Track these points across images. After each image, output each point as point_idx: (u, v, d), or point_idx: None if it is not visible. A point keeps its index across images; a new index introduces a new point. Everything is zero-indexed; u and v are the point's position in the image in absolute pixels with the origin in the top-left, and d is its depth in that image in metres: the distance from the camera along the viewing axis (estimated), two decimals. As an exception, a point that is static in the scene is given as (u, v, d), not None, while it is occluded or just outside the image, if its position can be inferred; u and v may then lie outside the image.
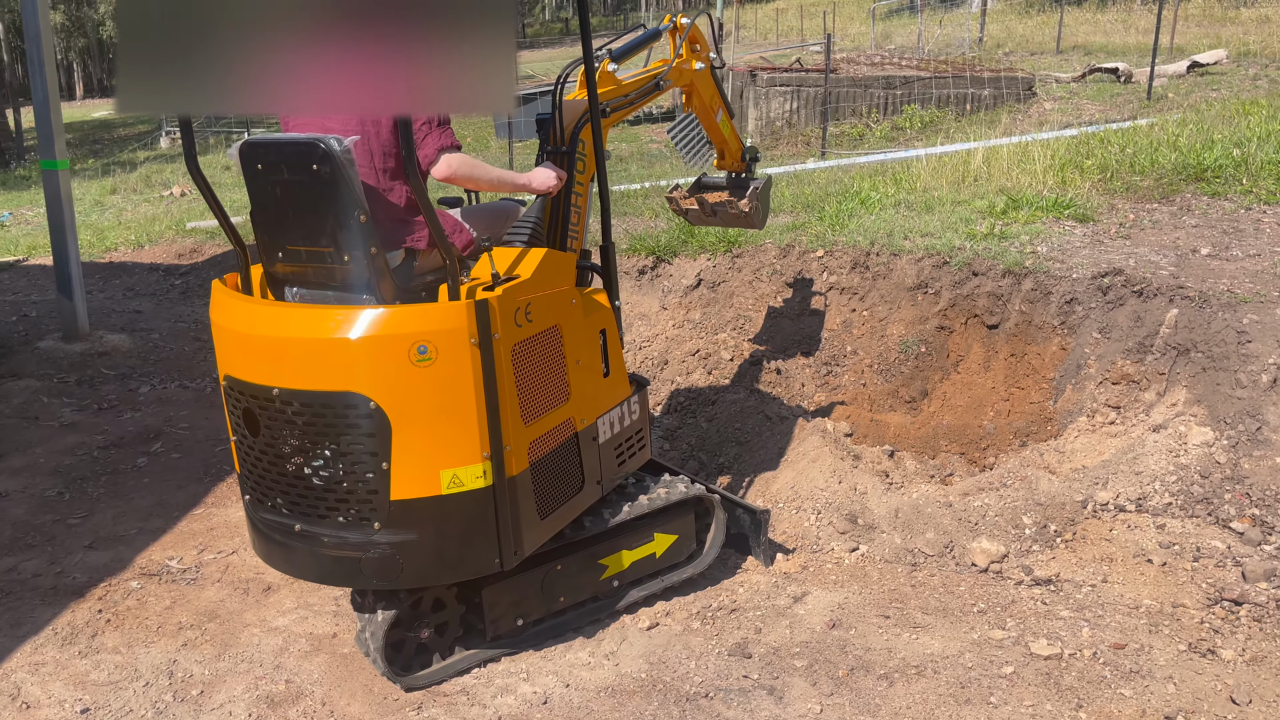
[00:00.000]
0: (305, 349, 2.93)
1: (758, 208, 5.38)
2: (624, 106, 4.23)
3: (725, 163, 5.51)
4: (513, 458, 3.12)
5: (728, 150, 5.39)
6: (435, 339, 2.90)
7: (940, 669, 3.32)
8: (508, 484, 3.11)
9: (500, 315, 3.01)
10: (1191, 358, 5.10)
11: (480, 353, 2.96)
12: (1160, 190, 7.42)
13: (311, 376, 2.93)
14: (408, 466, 2.98)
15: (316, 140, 2.86)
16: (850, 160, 10.59)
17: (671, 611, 3.85)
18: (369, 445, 2.96)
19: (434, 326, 2.91)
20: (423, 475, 3.00)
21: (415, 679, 3.35)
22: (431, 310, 2.93)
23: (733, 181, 5.58)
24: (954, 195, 7.66)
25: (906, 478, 5.05)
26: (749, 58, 17.20)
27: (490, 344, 2.98)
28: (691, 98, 4.96)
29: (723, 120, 5.18)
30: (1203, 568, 3.98)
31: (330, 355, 2.90)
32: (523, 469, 3.17)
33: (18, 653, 3.60)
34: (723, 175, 5.63)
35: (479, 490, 3.06)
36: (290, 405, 2.97)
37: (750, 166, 5.59)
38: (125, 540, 4.50)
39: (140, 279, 9.48)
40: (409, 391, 2.92)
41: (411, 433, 2.95)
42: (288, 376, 2.96)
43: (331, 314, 2.93)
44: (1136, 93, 12.44)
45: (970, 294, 6.19)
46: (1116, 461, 4.75)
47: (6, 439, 5.67)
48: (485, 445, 3.03)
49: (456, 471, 3.03)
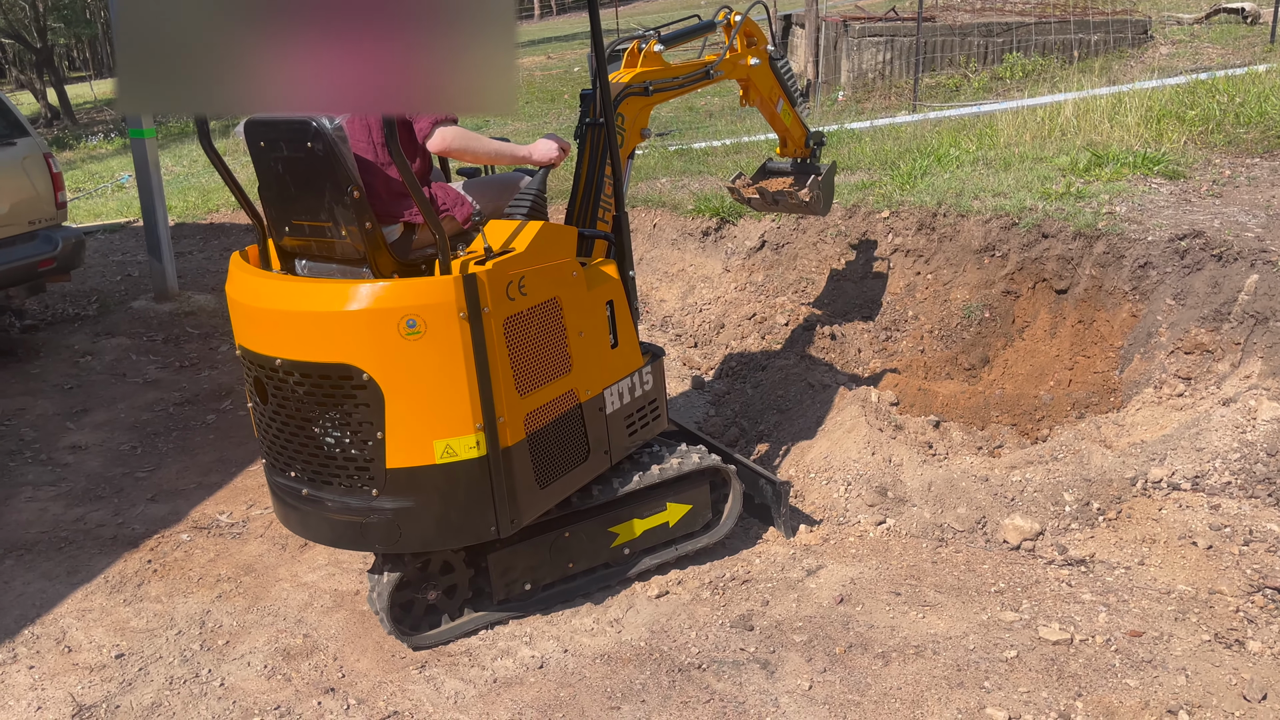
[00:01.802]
0: (303, 321, 3.03)
1: (819, 196, 5.38)
2: (670, 88, 4.22)
3: (788, 150, 5.53)
4: (508, 429, 3.17)
5: (790, 138, 5.41)
6: (424, 313, 2.96)
7: (940, 650, 3.25)
8: (502, 454, 3.17)
9: (490, 289, 3.04)
10: (1270, 327, 4.79)
11: (470, 326, 3.01)
12: (1265, 144, 6.91)
13: (309, 348, 3.04)
14: (402, 436, 3.06)
15: (309, 119, 2.93)
16: (941, 114, 10.19)
17: (684, 580, 3.87)
18: (364, 415, 3.05)
19: (422, 300, 2.96)
20: (416, 445, 3.08)
21: (422, 638, 3.47)
22: (421, 284, 2.99)
23: (798, 167, 5.57)
24: (1036, 151, 7.30)
25: (951, 449, 4.91)
26: (844, 7, 16.66)
27: (480, 317, 3.02)
28: (749, 91, 4.97)
29: (784, 110, 5.17)
30: (1251, 552, 3.77)
31: (325, 328, 3.00)
32: (519, 439, 3.22)
33: (69, 599, 3.87)
34: (787, 161, 5.62)
35: (472, 460, 3.13)
36: (292, 375, 3.09)
37: (816, 151, 5.56)
38: (184, 494, 4.76)
39: (237, 239, 9.90)
40: (400, 364, 2.99)
41: (404, 404, 3.03)
42: (289, 348, 3.07)
43: (327, 288, 3.02)
44: (1263, 36, 11.55)
45: (1039, 257, 5.93)
46: (1178, 436, 4.51)
47: (95, 394, 6.05)
48: (478, 416, 3.09)
49: (449, 442, 3.10)
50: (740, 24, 4.70)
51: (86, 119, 29.54)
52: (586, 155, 3.86)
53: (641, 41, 4.18)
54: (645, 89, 4.05)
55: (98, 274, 8.87)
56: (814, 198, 5.34)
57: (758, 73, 4.84)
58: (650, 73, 4.10)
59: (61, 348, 6.85)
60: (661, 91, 4.17)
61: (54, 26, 32.73)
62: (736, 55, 4.68)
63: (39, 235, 6.50)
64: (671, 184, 8.48)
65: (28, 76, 32.35)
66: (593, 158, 3.84)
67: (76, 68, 59.54)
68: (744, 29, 4.74)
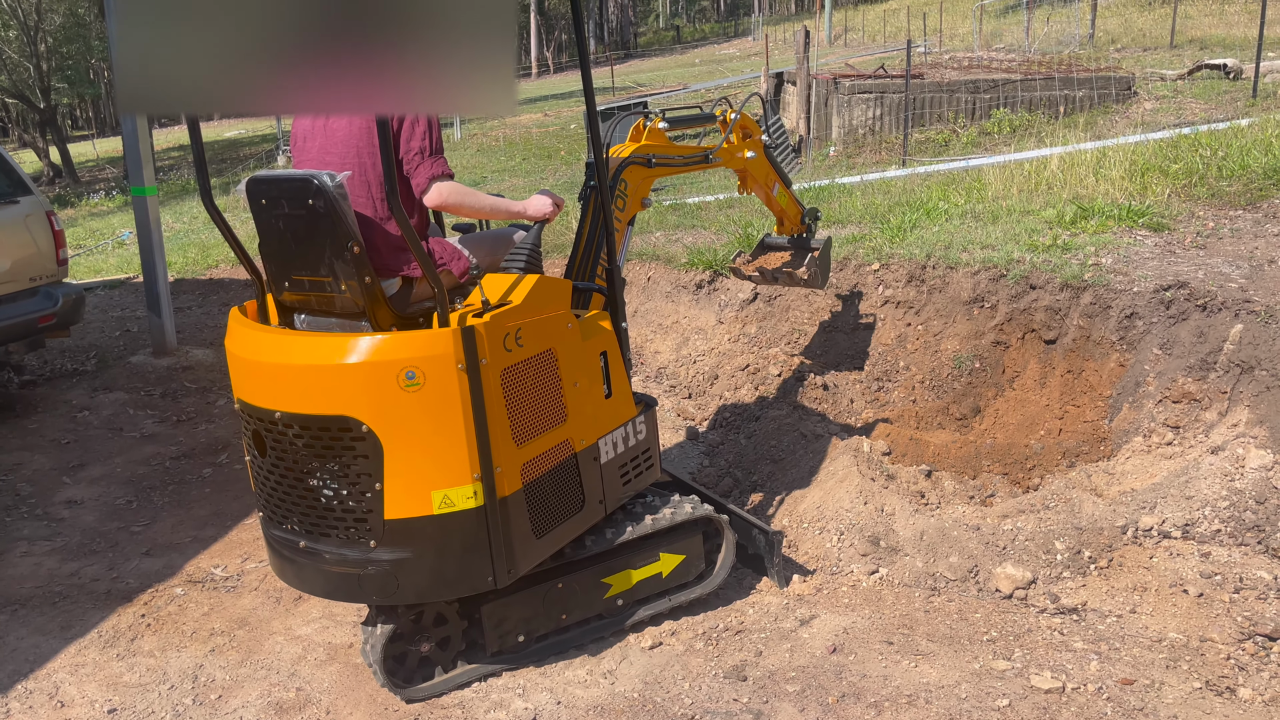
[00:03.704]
0: (303, 374, 3.08)
1: (817, 272, 5.68)
2: (672, 164, 4.47)
3: (785, 229, 5.84)
4: (504, 479, 3.20)
5: (787, 218, 5.72)
6: (423, 365, 3.01)
7: (933, 699, 3.26)
8: (499, 504, 3.20)
9: (488, 341, 3.10)
10: (1255, 376, 4.85)
11: (468, 377, 3.06)
12: (1248, 196, 7.04)
13: (309, 400, 3.08)
14: (400, 487, 3.10)
15: (310, 176, 3.01)
16: (930, 168, 10.37)
17: (677, 631, 3.87)
18: (363, 466, 3.09)
19: (422, 352, 3.02)
20: (415, 496, 3.11)
21: (416, 691, 3.47)
22: (420, 337, 3.04)
23: (795, 242, 5.87)
24: (1024, 204, 7.43)
25: (943, 498, 4.94)
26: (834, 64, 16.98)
27: (478, 369, 3.07)
28: (746, 180, 5.24)
29: (779, 193, 5.44)
30: (1242, 600, 3.78)
31: (325, 380, 3.04)
32: (515, 489, 3.25)
33: (63, 654, 3.87)
34: (785, 238, 5.90)
35: (470, 510, 3.16)
36: (291, 428, 3.13)
37: (811, 227, 5.85)
38: (179, 548, 4.77)
39: (236, 294, 9.98)
40: (399, 415, 3.03)
41: (403, 455, 3.07)
42: (288, 400, 3.12)
43: (326, 341, 3.07)
44: (1245, 90, 11.79)
45: (1027, 308, 6.01)
46: (1167, 485, 4.55)
47: (91, 449, 6.07)
48: (475, 467, 3.12)
49: (447, 492, 3.13)
50: (736, 120, 4.95)
51: (89, 177, 29.89)
52: (589, 216, 3.98)
53: (647, 119, 4.43)
54: (648, 161, 4.27)
55: (97, 329, 8.93)
56: (812, 274, 5.66)
57: (754, 164, 5.11)
58: (654, 147, 4.33)
59: (59, 403, 6.89)
60: (663, 166, 4.41)
61: (58, 86, 33.25)
62: (734, 147, 4.95)
63: (40, 291, 6.58)
64: (665, 238, 8.59)
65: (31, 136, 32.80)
66: (595, 218, 3.95)
67: (79, 126, 60.32)
68: (740, 123, 5.00)
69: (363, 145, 3.21)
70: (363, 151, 3.21)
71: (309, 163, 3.31)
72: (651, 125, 4.41)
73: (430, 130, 3.21)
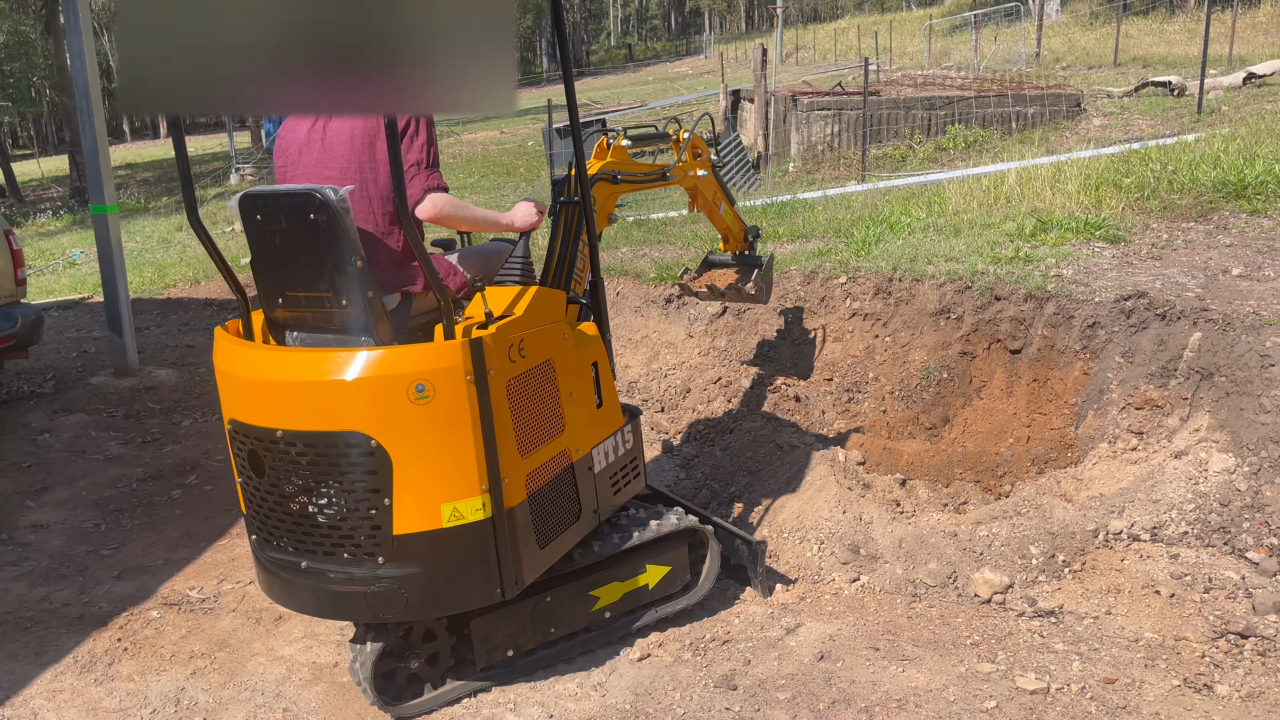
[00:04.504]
0: (307, 391, 3.04)
1: (763, 288, 5.93)
2: (634, 181, 4.64)
3: (730, 245, 6.10)
4: (511, 490, 3.20)
5: (731, 235, 6.00)
6: (433, 377, 3.00)
7: (922, 702, 3.30)
8: (506, 515, 3.20)
9: (495, 352, 3.10)
10: (1215, 382, 4.99)
11: (476, 389, 3.06)
12: (1198, 209, 7.26)
13: (314, 417, 3.05)
14: (409, 502, 3.07)
15: (313, 190, 2.99)
16: (890, 183, 10.54)
17: (665, 642, 3.89)
18: (371, 482, 3.06)
19: (431, 365, 3.01)
20: (424, 510, 3.09)
21: (405, 708, 3.44)
22: (428, 350, 3.04)
23: (739, 259, 6.10)
24: (984, 218, 7.59)
25: (918, 506, 5.02)
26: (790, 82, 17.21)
27: (485, 380, 3.07)
28: (696, 197, 5.48)
29: (725, 210, 5.75)
30: (1212, 599, 3.89)
31: (331, 396, 3.01)
32: (520, 500, 3.26)
33: (38, 680, 3.78)
34: (729, 255, 6.14)
35: (479, 523, 3.15)
36: (294, 446, 3.09)
37: (753, 244, 6.10)
38: (151, 571, 4.69)
39: (195, 314, 9.85)
40: (408, 429, 3.02)
41: (412, 469, 3.05)
42: (291, 418, 3.08)
43: (332, 357, 3.04)
44: (1189, 106, 12.16)
45: (992, 319, 6.14)
46: (1134, 489, 4.66)
47: (54, 472, 5.95)
48: (483, 478, 3.12)
49: (456, 505, 3.12)
50: (689, 140, 5.21)
51: (34, 196, 29.28)
52: (560, 230, 4.01)
53: (610, 138, 4.58)
54: (614, 177, 4.41)
55: (52, 351, 8.75)
56: (759, 290, 5.88)
57: (704, 182, 5.36)
58: (617, 164, 4.47)
59: (18, 425, 6.74)
60: (627, 182, 4.56)
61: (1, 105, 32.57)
62: (686, 165, 5.17)
63: (-3, 312, 6.45)
64: (632, 253, 8.64)
65: (-28, 155, 32.04)
66: (565, 232, 3.98)
67: (21, 145, 59.11)
68: (691, 143, 5.26)
69: (364, 160, 3.20)
70: (364, 166, 3.20)
71: (304, 177, 3.29)
72: (615, 144, 4.55)
73: (428, 144, 3.22)
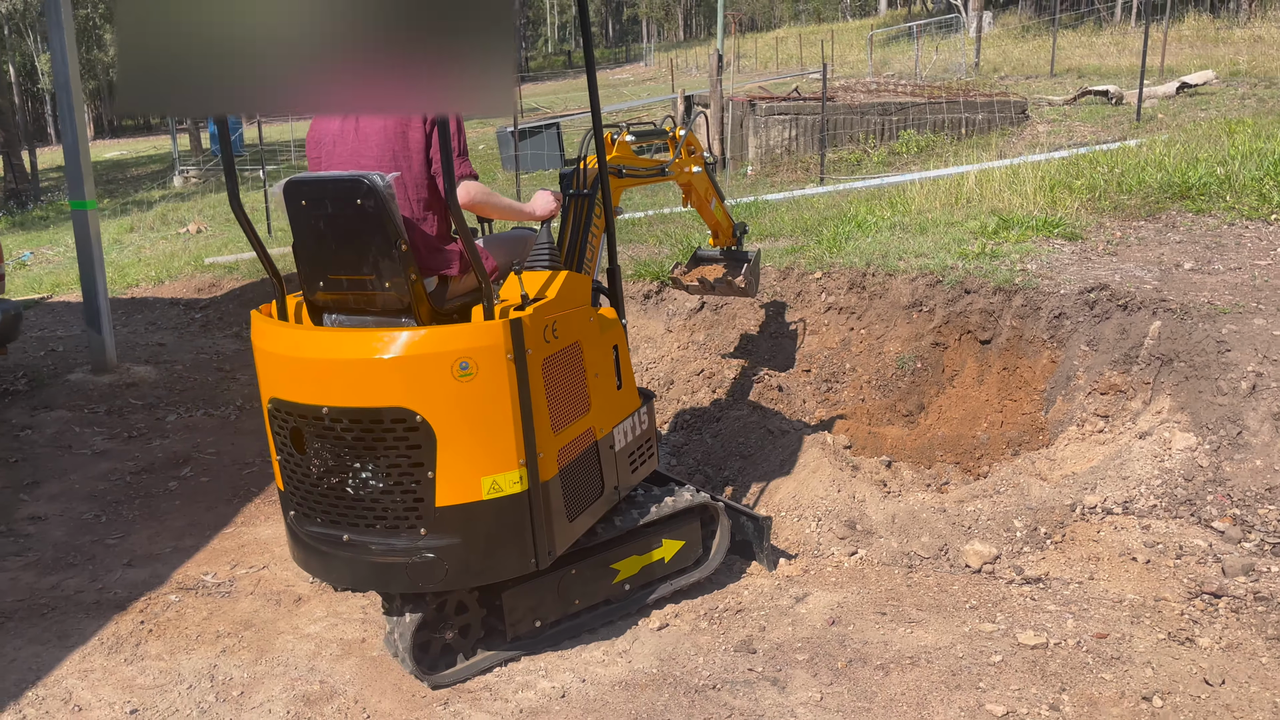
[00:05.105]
0: (355, 369, 3.16)
1: (752, 281, 6.17)
2: (637, 176, 4.86)
3: (719, 240, 6.30)
4: (545, 464, 3.36)
5: (721, 230, 6.19)
6: (476, 355, 3.15)
7: (933, 659, 3.54)
8: (541, 488, 3.35)
9: (532, 332, 3.26)
10: (1175, 367, 5.33)
11: (515, 367, 3.21)
12: (1147, 208, 7.67)
13: (361, 394, 3.17)
14: (451, 474, 3.22)
15: (361, 177, 3.12)
16: (848, 185, 10.88)
17: (680, 613, 4.07)
18: (415, 456, 3.20)
19: (474, 344, 3.15)
20: (465, 482, 3.24)
21: (441, 677, 3.58)
22: (471, 329, 3.18)
23: (727, 254, 6.32)
24: (947, 217, 7.92)
25: (903, 486, 5.28)
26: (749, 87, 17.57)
27: (524, 358, 3.23)
28: (690, 193, 5.70)
29: (716, 206, 5.96)
30: (1184, 564, 4.19)
31: (379, 373, 3.14)
32: (552, 475, 3.42)
33: (67, 661, 3.83)
34: (718, 250, 6.35)
35: (516, 495, 3.30)
36: (340, 422, 3.21)
37: (741, 240, 6.31)
38: (161, 558, 4.74)
39: (161, 313, 9.78)
40: (452, 405, 3.16)
41: (455, 443, 3.19)
42: (337, 395, 3.20)
43: (379, 336, 3.16)
44: (1127, 114, 12.73)
45: (963, 311, 6.44)
46: (1104, 467, 4.97)
47: (42, 467, 5.93)
48: (521, 453, 3.27)
49: (496, 478, 3.27)
50: (685, 138, 5.46)
51: (-38, 199, 28.37)
52: (570, 221, 4.18)
53: (614, 134, 4.80)
54: (619, 172, 4.62)
55: (19, 350, 8.62)
56: (749, 283, 6.12)
57: (698, 179, 5.61)
58: (622, 159, 4.70)
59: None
60: (630, 177, 4.77)
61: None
62: (682, 162, 5.41)
63: (-24, 308, 6.39)
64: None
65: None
66: (575, 223, 4.15)
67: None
68: (686, 141, 5.51)
69: (398, 149, 3.34)
70: (398, 155, 3.34)
71: (339, 166, 3.42)
72: (620, 139, 4.76)
73: (458, 132, 3.36)
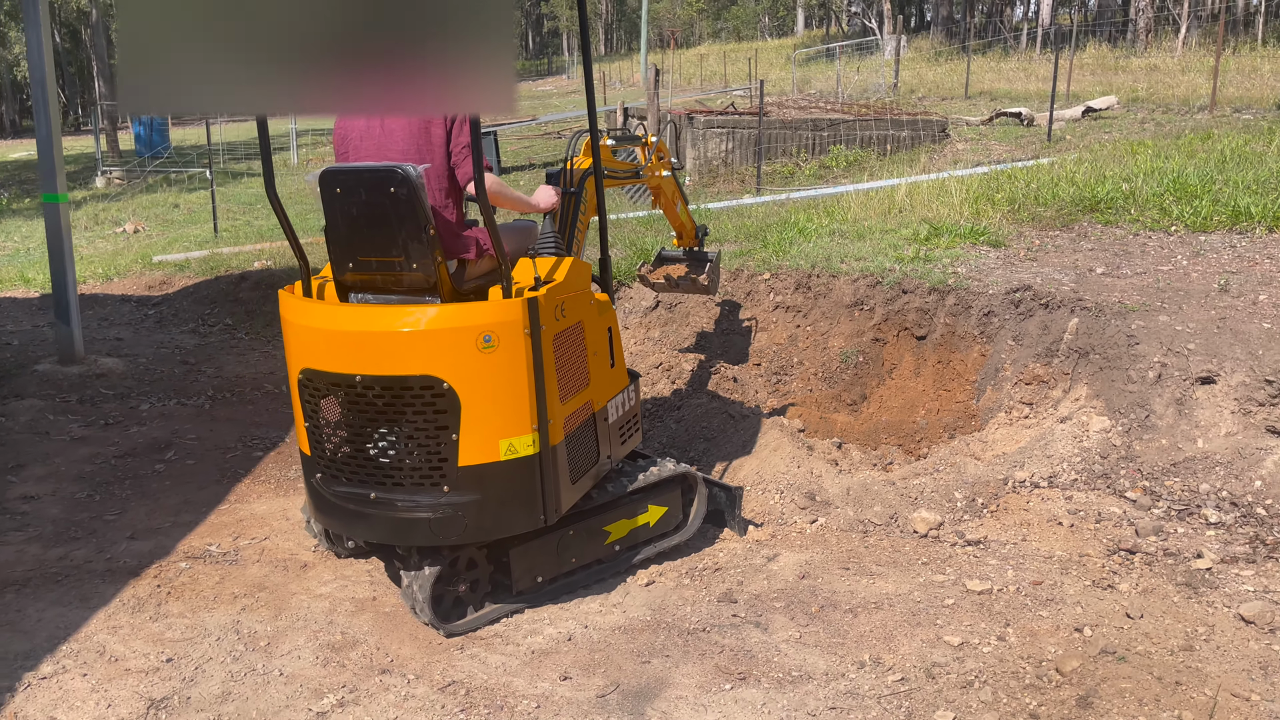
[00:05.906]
0: (388, 340, 3.52)
1: (713, 280, 6.68)
2: (616, 177, 5.33)
3: (683, 241, 6.80)
4: (554, 430, 3.75)
5: (685, 232, 6.69)
6: (498, 329, 3.53)
7: (895, 603, 4.02)
8: (550, 452, 3.74)
9: (544, 310, 3.66)
10: (1090, 359, 5.95)
11: (531, 341, 3.60)
12: (1061, 220, 8.38)
13: (393, 363, 3.53)
14: (473, 437, 3.59)
15: (395, 167, 3.48)
16: (784, 196, 11.47)
17: (664, 572, 4.49)
18: (441, 420, 3.56)
19: (496, 319, 3.54)
20: (485, 444, 3.61)
21: (455, 626, 3.93)
22: (493, 306, 3.56)
23: (689, 255, 6.83)
24: (882, 225, 8.52)
25: (853, 465, 5.79)
26: (679, 100, 18.14)
27: (538, 334, 3.62)
28: (659, 196, 6.19)
29: (681, 209, 6.45)
30: (1103, 528, 4.76)
31: (410, 345, 3.50)
32: (560, 440, 3.81)
33: (94, 619, 4.07)
34: (680, 250, 6.85)
35: (529, 457, 3.69)
36: (372, 389, 3.56)
37: (702, 241, 6.82)
38: (163, 532, 4.97)
39: (113, 309, 9.82)
40: (475, 374, 3.53)
41: (477, 408, 3.56)
42: (370, 364, 3.55)
43: (410, 311, 3.53)
44: (1038, 134, 13.63)
45: (901, 309, 7.01)
46: (1031, 448, 5.55)
47: (23, 451, 6.06)
48: (534, 419, 3.66)
49: (512, 440, 3.65)
50: (656, 144, 5.93)
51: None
52: (556, 218, 4.60)
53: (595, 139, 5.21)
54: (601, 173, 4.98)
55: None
56: (711, 281, 6.63)
57: (666, 182, 6.09)
58: (604, 161, 5.10)
59: (-37, 411, 6.74)
60: (611, 178, 5.20)
61: None
62: (654, 167, 5.88)
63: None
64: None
65: None
66: (562, 220, 4.57)
67: None
68: (658, 148, 5.99)
69: (422, 143, 3.70)
70: (422, 148, 3.70)
71: (366, 158, 3.76)
72: (601, 142, 5.13)
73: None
